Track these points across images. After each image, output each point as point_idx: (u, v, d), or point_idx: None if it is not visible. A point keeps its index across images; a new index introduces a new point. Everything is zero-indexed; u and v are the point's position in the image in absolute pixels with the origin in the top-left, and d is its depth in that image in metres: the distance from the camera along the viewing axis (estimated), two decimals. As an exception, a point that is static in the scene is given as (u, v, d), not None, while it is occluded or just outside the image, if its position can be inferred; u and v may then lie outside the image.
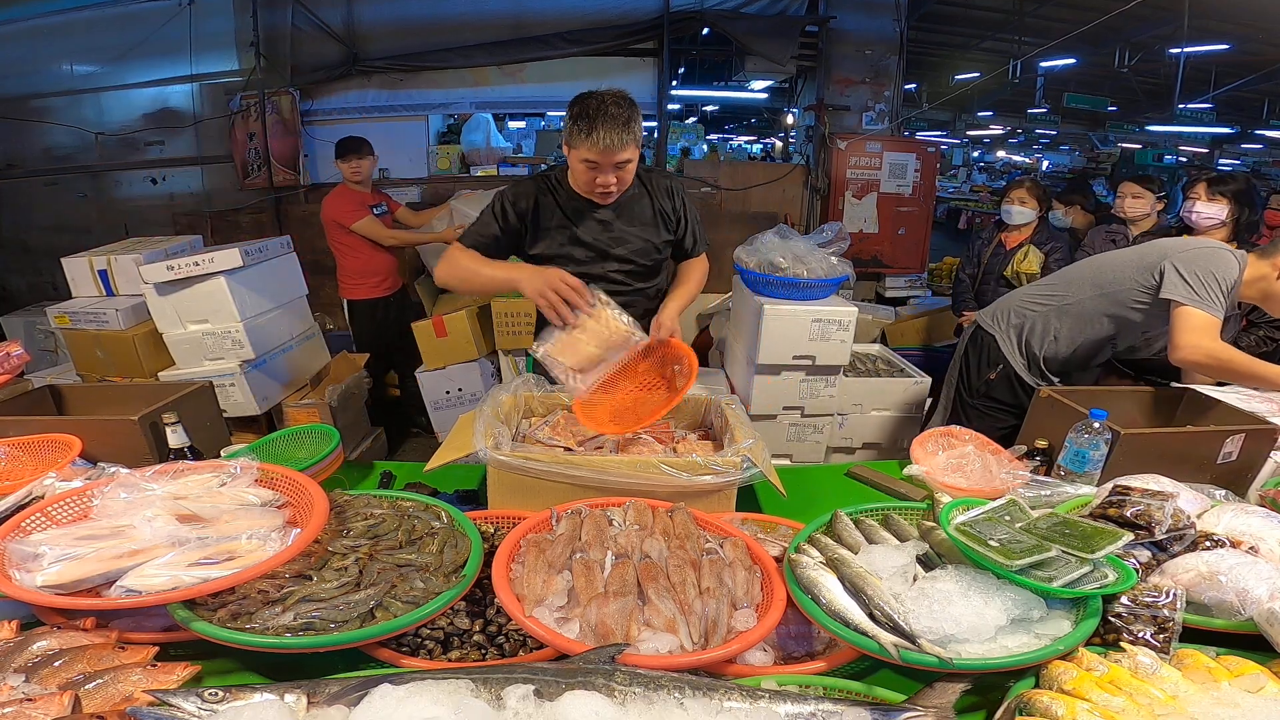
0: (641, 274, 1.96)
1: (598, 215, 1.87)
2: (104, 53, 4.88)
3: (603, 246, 1.89)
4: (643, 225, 1.92)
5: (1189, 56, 6.99)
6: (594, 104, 1.65)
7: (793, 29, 4.90)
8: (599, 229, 1.88)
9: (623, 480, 1.38)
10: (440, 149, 5.23)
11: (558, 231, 1.87)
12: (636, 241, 1.91)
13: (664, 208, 1.93)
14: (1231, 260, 1.86)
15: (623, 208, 1.88)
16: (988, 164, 21.08)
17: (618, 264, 1.92)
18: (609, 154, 1.65)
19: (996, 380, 2.24)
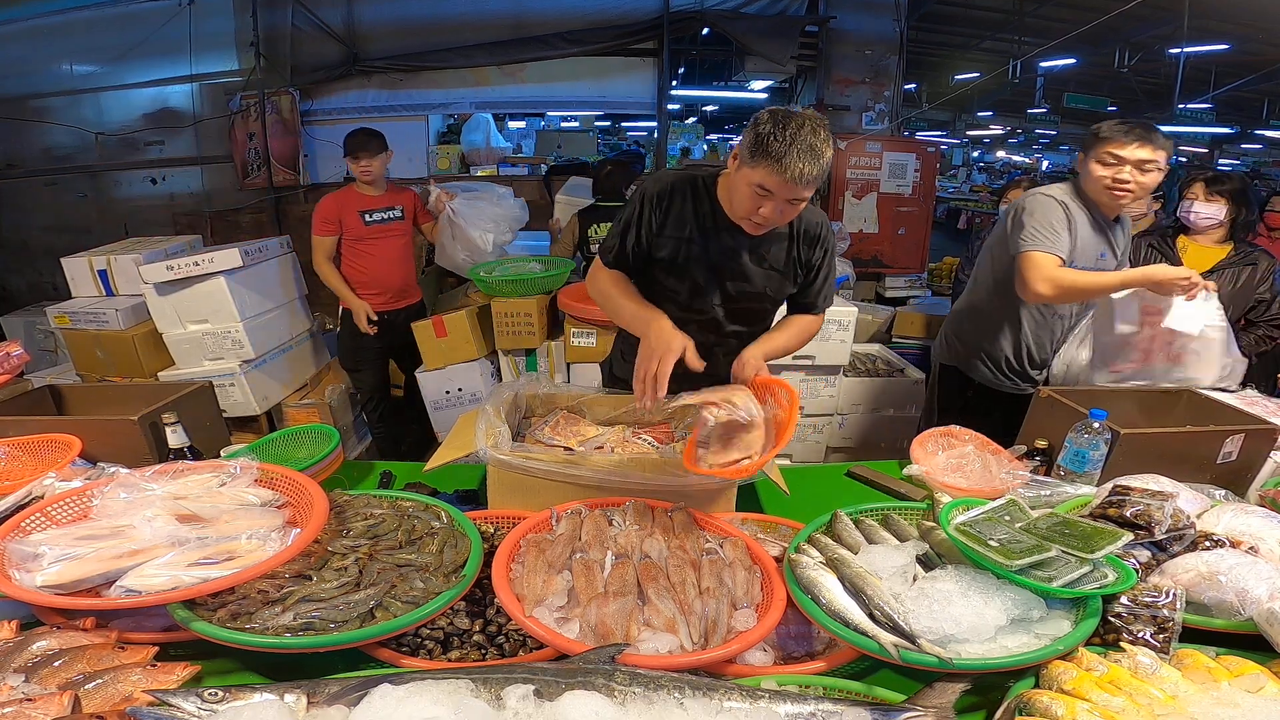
0: (745, 318, 1.72)
1: (732, 238, 1.60)
2: (104, 53, 4.89)
3: (720, 276, 1.64)
4: (771, 269, 1.64)
5: (1189, 56, 6.99)
6: (794, 126, 1.35)
7: (793, 29, 4.90)
8: (726, 255, 1.61)
9: (623, 480, 1.38)
10: (440, 149, 5.24)
11: (684, 243, 1.61)
12: (757, 284, 1.65)
13: (802, 256, 1.65)
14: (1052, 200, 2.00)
15: (758, 243, 1.61)
16: (988, 164, 21.09)
17: (724, 300, 1.67)
18: (791, 189, 1.38)
19: (975, 395, 2.28)
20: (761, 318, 1.75)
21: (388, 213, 3.31)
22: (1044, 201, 2.00)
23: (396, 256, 3.38)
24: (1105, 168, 1.94)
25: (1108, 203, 2.02)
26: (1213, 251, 2.51)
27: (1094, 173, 1.96)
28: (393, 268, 3.36)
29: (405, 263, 3.44)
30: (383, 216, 3.29)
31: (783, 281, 1.67)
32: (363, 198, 3.25)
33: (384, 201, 3.30)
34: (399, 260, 3.39)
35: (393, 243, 3.34)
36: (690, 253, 1.62)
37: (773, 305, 1.75)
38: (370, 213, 3.25)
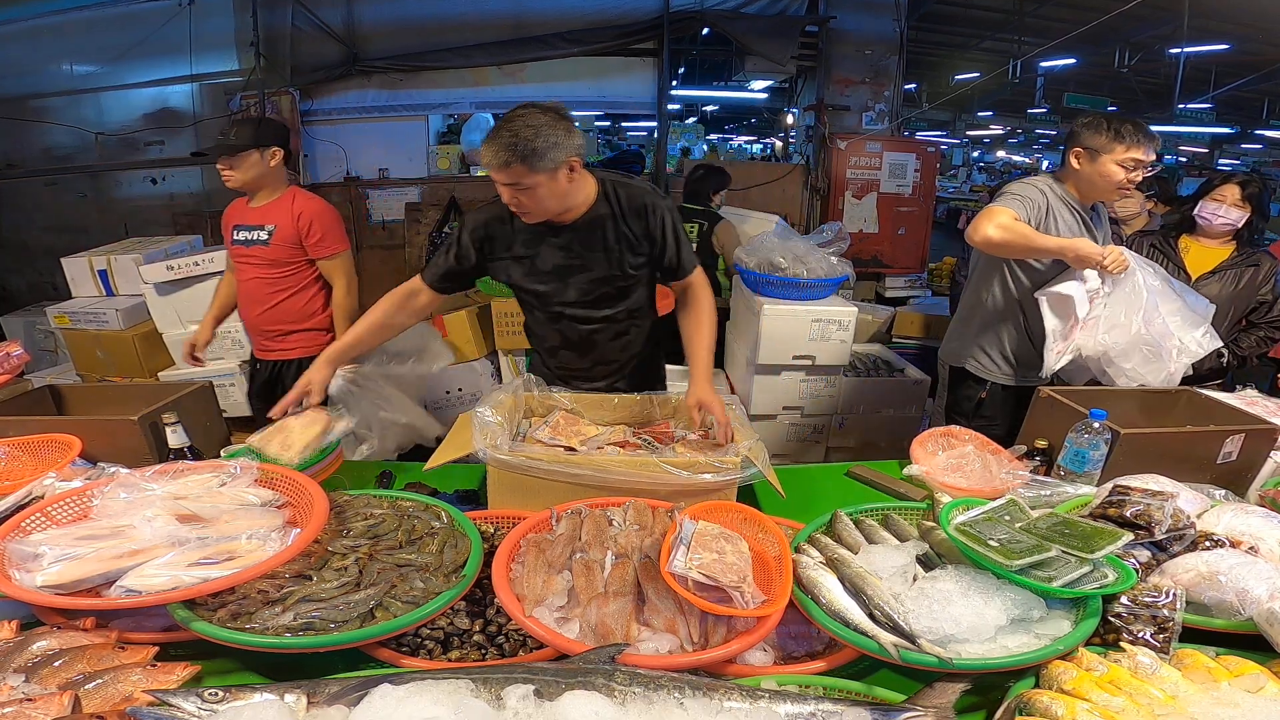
0: (606, 300, 1.80)
1: (557, 240, 1.72)
2: (104, 53, 4.88)
3: (563, 274, 1.75)
4: (604, 250, 1.72)
5: (1189, 56, 6.99)
6: (504, 118, 1.52)
7: (793, 29, 4.90)
8: (559, 255, 1.73)
9: (623, 480, 1.38)
10: (440, 149, 5.24)
11: (518, 261, 1.76)
12: (600, 269, 1.74)
13: (631, 231, 1.72)
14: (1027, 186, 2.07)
15: (584, 232, 1.71)
16: (988, 164, 21.08)
17: (578, 293, 1.77)
18: (496, 173, 1.53)
19: (987, 399, 2.28)
20: (623, 295, 1.81)
21: (253, 233, 2.39)
22: (1024, 185, 2.08)
23: (253, 295, 2.44)
24: (1126, 171, 1.95)
25: (1110, 199, 2.05)
26: (1215, 252, 2.50)
27: (1111, 174, 1.97)
28: (250, 307, 2.47)
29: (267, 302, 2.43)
30: (245, 238, 2.40)
31: (621, 256, 1.74)
32: (243, 207, 2.45)
33: (254, 217, 2.39)
34: (258, 299, 2.44)
35: (249, 274, 2.42)
36: (524, 268, 1.76)
37: (624, 280, 1.78)
38: (238, 229, 2.43)
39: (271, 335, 2.48)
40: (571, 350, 1.88)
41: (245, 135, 2.26)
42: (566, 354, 1.89)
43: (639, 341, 1.92)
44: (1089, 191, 2.06)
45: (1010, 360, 2.23)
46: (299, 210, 2.35)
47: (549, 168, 1.52)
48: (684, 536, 1.17)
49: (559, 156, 1.52)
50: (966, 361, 2.30)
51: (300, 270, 2.42)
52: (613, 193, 1.72)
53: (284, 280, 2.41)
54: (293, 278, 2.42)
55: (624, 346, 1.89)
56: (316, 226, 2.37)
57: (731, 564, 1.11)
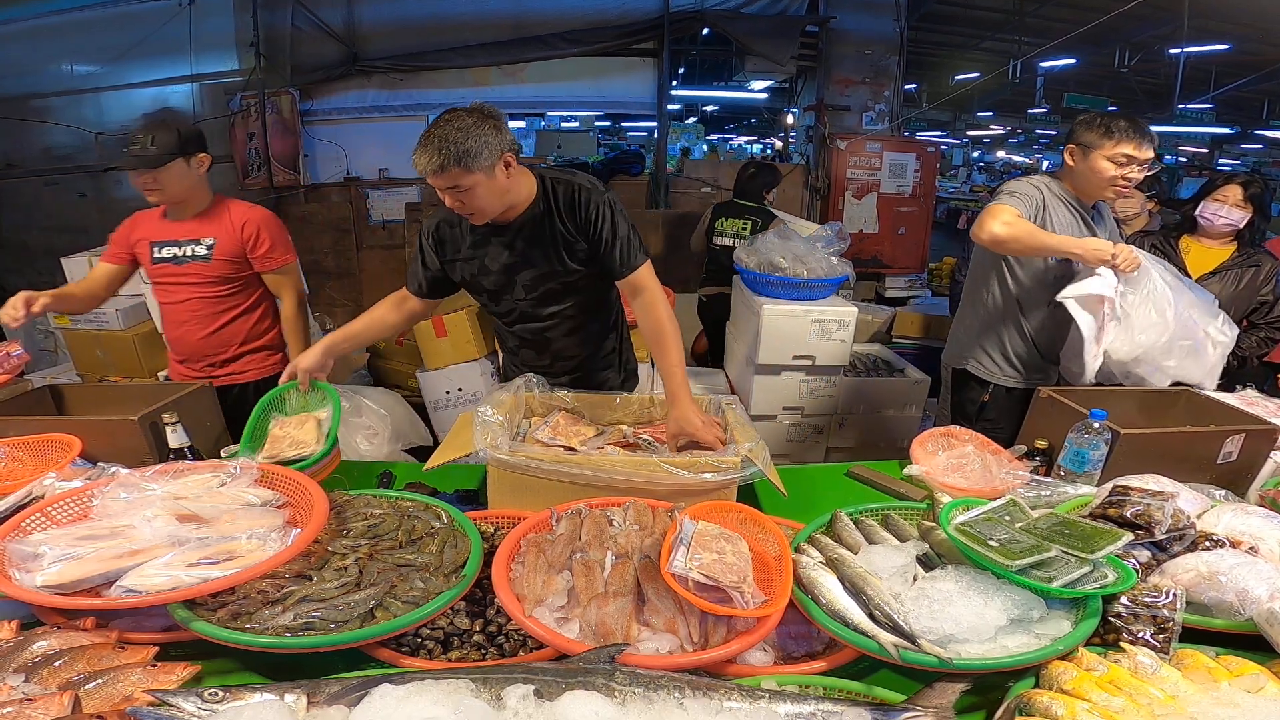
0: (552, 297, 1.79)
1: (502, 239, 1.73)
2: (104, 53, 4.88)
3: (509, 272, 1.76)
4: (543, 248, 1.72)
5: (1189, 56, 6.99)
6: (432, 124, 1.53)
7: (793, 29, 4.90)
8: (505, 254, 1.74)
9: (623, 479, 1.38)
10: (440, 149, 5.23)
11: (467, 262, 1.78)
12: (540, 265, 1.74)
13: (564, 228, 1.70)
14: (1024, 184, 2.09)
15: (526, 229, 1.71)
16: (988, 164, 21.08)
17: (524, 290, 1.78)
18: (434, 178, 1.53)
19: (990, 401, 2.28)
20: (569, 291, 1.80)
21: (185, 248, 2.12)
22: (1021, 184, 2.09)
23: (193, 317, 2.17)
24: (1117, 166, 1.96)
25: (1105, 197, 2.05)
26: (1216, 253, 2.50)
27: (1104, 171, 1.97)
28: (189, 330, 2.19)
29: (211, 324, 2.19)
30: (175, 254, 2.11)
31: (560, 252, 1.73)
32: (158, 221, 2.15)
33: (184, 231, 2.11)
34: (200, 321, 2.18)
35: (184, 294, 2.15)
36: (474, 268, 1.79)
37: (567, 275, 1.76)
38: (161, 246, 2.12)
39: (218, 361, 2.24)
40: (529, 349, 1.91)
41: (167, 142, 1.96)
42: (526, 352, 1.93)
43: (597, 337, 1.93)
44: (1085, 188, 2.07)
45: (1012, 362, 2.22)
46: (241, 220, 2.15)
47: (484, 165, 1.52)
48: (684, 537, 1.17)
49: (493, 154, 1.53)
50: (968, 363, 2.29)
51: (247, 286, 2.22)
52: (551, 189, 1.71)
53: (230, 299, 2.19)
54: (239, 294, 2.20)
55: (581, 343, 1.90)
56: (264, 236, 2.16)
57: (731, 564, 1.11)
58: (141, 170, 1.95)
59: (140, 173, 1.95)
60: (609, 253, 1.70)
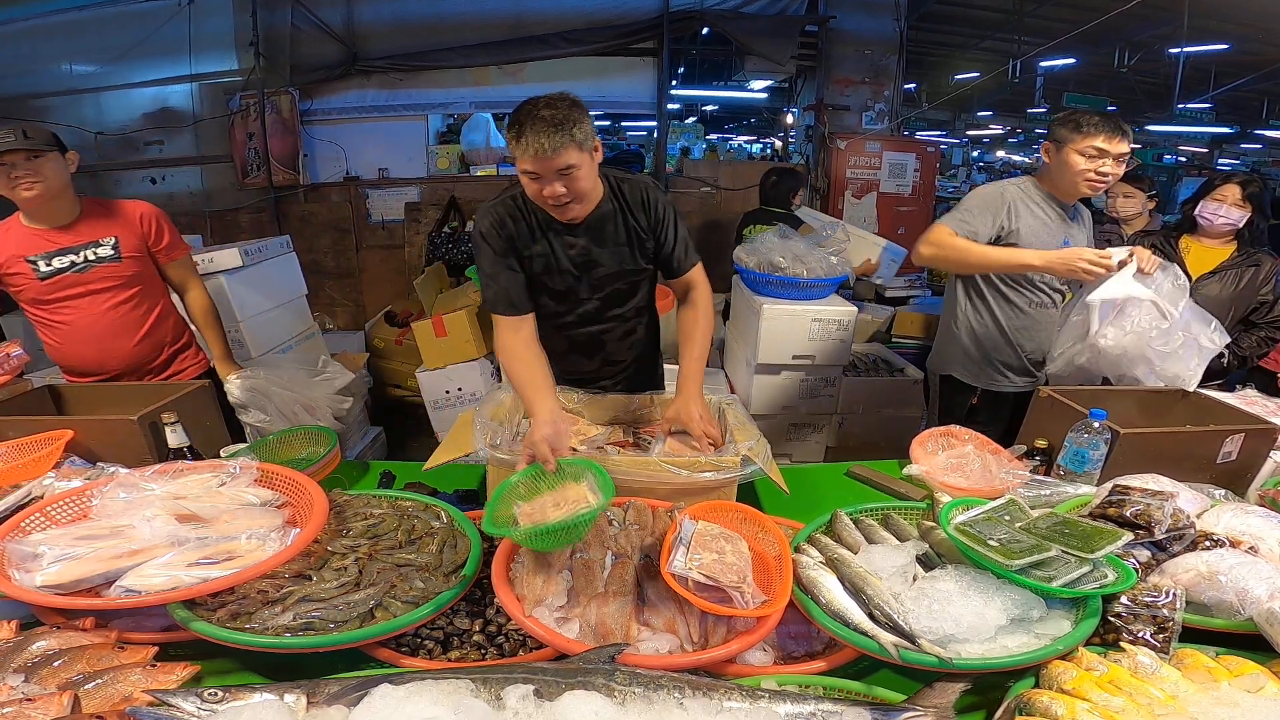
0: (617, 298, 1.78)
1: (572, 236, 1.67)
2: (104, 53, 4.88)
3: (576, 272, 1.71)
4: (615, 246, 1.70)
5: (1188, 56, 6.99)
6: (526, 109, 1.46)
7: (792, 29, 4.90)
8: (574, 252, 1.68)
9: (623, 478, 1.38)
10: (440, 149, 5.24)
11: (537, 258, 1.68)
12: (610, 264, 1.71)
13: (637, 224, 1.70)
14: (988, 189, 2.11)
15: (593, 228, 1.67)
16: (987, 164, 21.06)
17: (591, 290, 1.74)
18: (543, 160, 1.44)
19: (980, 403, 2.29)
20: (632, 292, 1.80)
21: (83, 253, 1.96)
22: (983, 190, 2.10)
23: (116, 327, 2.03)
24: (1088, 160, 1.96)
25: (1081, 192, 2.04)
26: (1216, 252, 2.50)
27: (1074, 164, 1.97)
28: (115, 341, 2.04)
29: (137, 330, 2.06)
30: (75, 261, 1.95)
31: (631, 252, 1.72)
32: (27, 234, 1.93)
33: (73, 235, 1.96)
34: (125, 330, 2.04)
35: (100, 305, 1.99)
36: (540, 266, 1.69)
37: (634, 276, 1.77)
38: (49, 257, 1.93)
39: (155, 368, 2.12)
40: (579, 353, 1.86)
41: (44, 134, 1.84)
42: (574, 357, 1.86)
43: (643, 341, 1.92)
44: (1061, 185, 2.06)
45: (995, 365, 2.24)
46: (137, 213, 2.04)
47: (589, 146, 1.50)
48: (684, 536, 1.17)
49: (591, 135, 1.50)
50: (954, 369, 2.31)
51: (156, 281, 2.11)
52: (617, 187, 1.69)
53: (148, 299, 2.07)
54: (153, 293, 2.09)
55: (630, 346, 1.89)
56: (164, 228, 2.08)
57: (731, 564, 1.11)
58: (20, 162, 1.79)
59: (15, 167, 1.79)
60: (671, 251, 1.74)
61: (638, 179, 1.73)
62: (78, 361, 2.06)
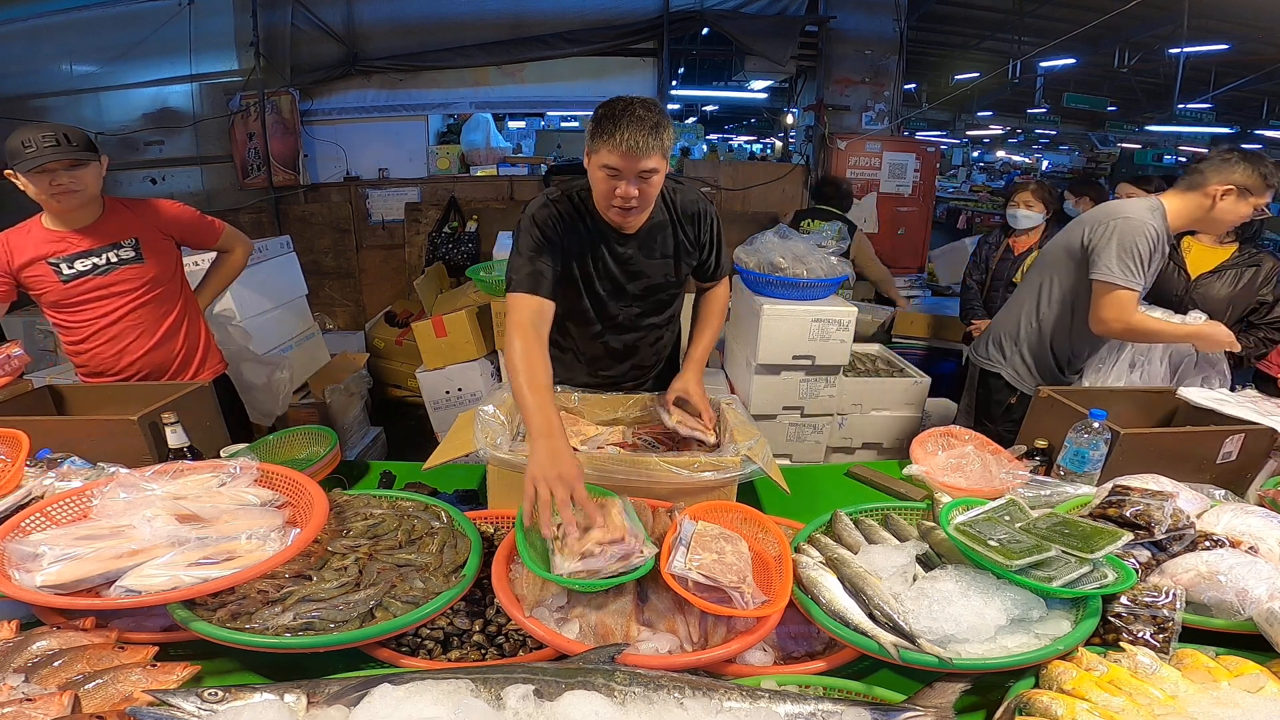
0: (654, 309, 1.80)
1: (622, 249, 1.65)
2: (104, 53, 4.88)
3: (621, 281, 1.70)
4: (663, 258, 1.69)
5: (1189, 56, 6.99)
6: (620, 105, 1.42)
7: (792, 29, 4.90)
8: (622, 262, 1.67)
9: (623, 478, 1.38)
10: (440, 149, 5.24)
11: (580, 260, 1.66)
12: (655, 276, 1.71)
13: (687, 236, 1.70)
14: (1145, 227, 1.97)
15: (644, 238, 1.65)
16: (987, 164, 21.07)
17: (631, 301, 1.74)
18: (632, 159, 1.40)
19: (1018, 403, 2.28)
20: (669, 303, 1.84)
21: (105, 255, 1.95)
22: (1139, 231, 1.95)
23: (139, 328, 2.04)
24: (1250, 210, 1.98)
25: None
26: (1216, 252, 2.50)
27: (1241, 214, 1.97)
28: (138, 344, 2.05)
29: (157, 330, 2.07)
30: (97, 264, 1.94)
31: (677, 266, 1.74)
32: (46, 237, 1.92)
33: (91, 238, 1.93)
34: (147, 330, 2.05)
35: (120, 306, 1.99)
36: (590, 269, 1.67)
37: (676, 289, 1.80)
38: (70, 260, 1.92)
39: (176, 369, 2.13)
40: (612, 358, 1.86)
41: (84, 140, 1.84)
42: (606, 362, 1.86)
43: (670, 346, 1.96)
44: (1204, 224, 2.03)
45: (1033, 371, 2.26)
46: (157, 209, 2.04)
47: (669, 157, 1.49)
48: (684, 537, 1.17)
49: (671, 145, 1.48)
50: (1003, 370, 2.32)
51: (176, 282, 2.12)
52: (670, 198, 1.67)
53: (168, 301, 2.08)
54: (173, 294, 2.10)
55: (657, 352, 1.92)
56: (192, 216, 2.11)
57: (731, 564, 1.11)
58: (60, 170, 1.79)
59: (56, 175, 1.79)
60: (710, 262, 1.80)
61: (690, 190, 1.72)
62: (97, 363, 2.06)
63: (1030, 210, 3.31)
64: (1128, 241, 1.95)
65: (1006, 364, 2.31)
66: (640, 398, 1.80)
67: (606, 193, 1.49)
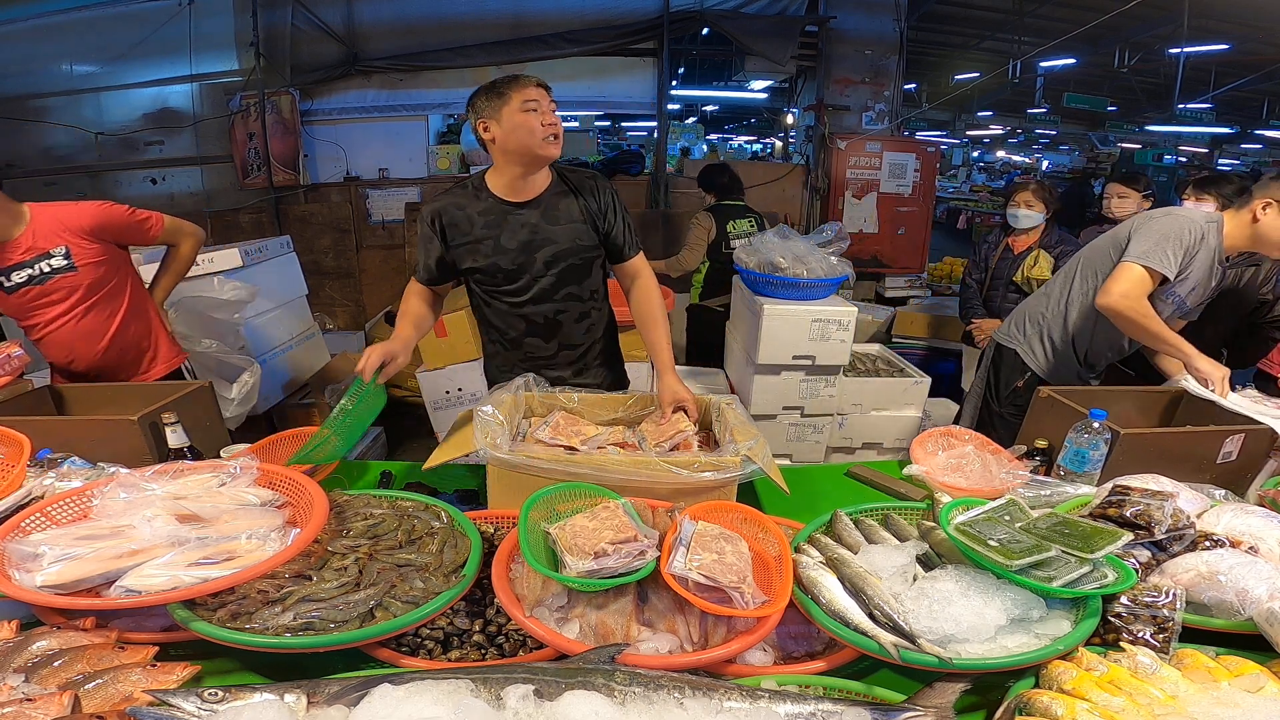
0: (574, 274, 1.85)
1: (521, 217, 1.77)
2: (104, 53, 4.89)
3: (530, 250, 1.79)
4: (569, 223, 1.80)
5: (1189, 56, 7.00)
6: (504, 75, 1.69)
7: (792, 29, 4.90)
8: (524, 232, 1.77)
9: (623, 478, 1.38)
10: (440, 149, 5.24)
11: (480, 242, 1.78)
12: (564, 240, 1.80)
13: (590, 206, 1.82)
14: (1194, 224, 1.94)
15: (546, 207, 1.78)
16: (987, 164, 21.07)
17: (545, 267, 1.81)
18: (545, 88, 1.66)
19: (1024, 388, 2.28)
20: (585, 271, 1.88)
21: (37, 266, 1.96)
22: (1184, 223, 1.94)
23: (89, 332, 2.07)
24: None
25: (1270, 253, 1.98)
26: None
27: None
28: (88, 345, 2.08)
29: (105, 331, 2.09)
30: (30, 275, 1.96)
31: (585, 230, 1.82)
32: None
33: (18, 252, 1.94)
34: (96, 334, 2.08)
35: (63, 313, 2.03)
36: (489, 248, 1.79)
37: (588, 253, 1.85)
38: (7, 273, 1.95)
39: (131, 366, 2.16)
40: (537, 336, 1.92)
41: None
42: (532, 340, 1.92)
43: (599, 326, 1.98)
44: (1255, 242, 1.95)
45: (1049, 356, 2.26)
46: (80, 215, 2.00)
47: None
48: (684, 537, 1.17)
49: None
50: (1019, 347, 2.32)
51: (119, 277, 2.11)
52: (564, 175, 1.84)
53: (115, 298, 2.09)
54: (117, 296, 2.10)
55: (587, 329, 1.95)
56: (121, 216, 2.08)
57: (731, 564, 1.11)
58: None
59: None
60: (618, 234, 1.86)
61: (582, 170, 1.88)
62: (57, 364, 2.16)
63: (1030, 210, 3.30)
64: (1170, 229, 1.93)
65: (1025, 341, 2.31)
66: (641, 397, 1.80)
67: (534, 126, 1.64)
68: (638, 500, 1.34)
